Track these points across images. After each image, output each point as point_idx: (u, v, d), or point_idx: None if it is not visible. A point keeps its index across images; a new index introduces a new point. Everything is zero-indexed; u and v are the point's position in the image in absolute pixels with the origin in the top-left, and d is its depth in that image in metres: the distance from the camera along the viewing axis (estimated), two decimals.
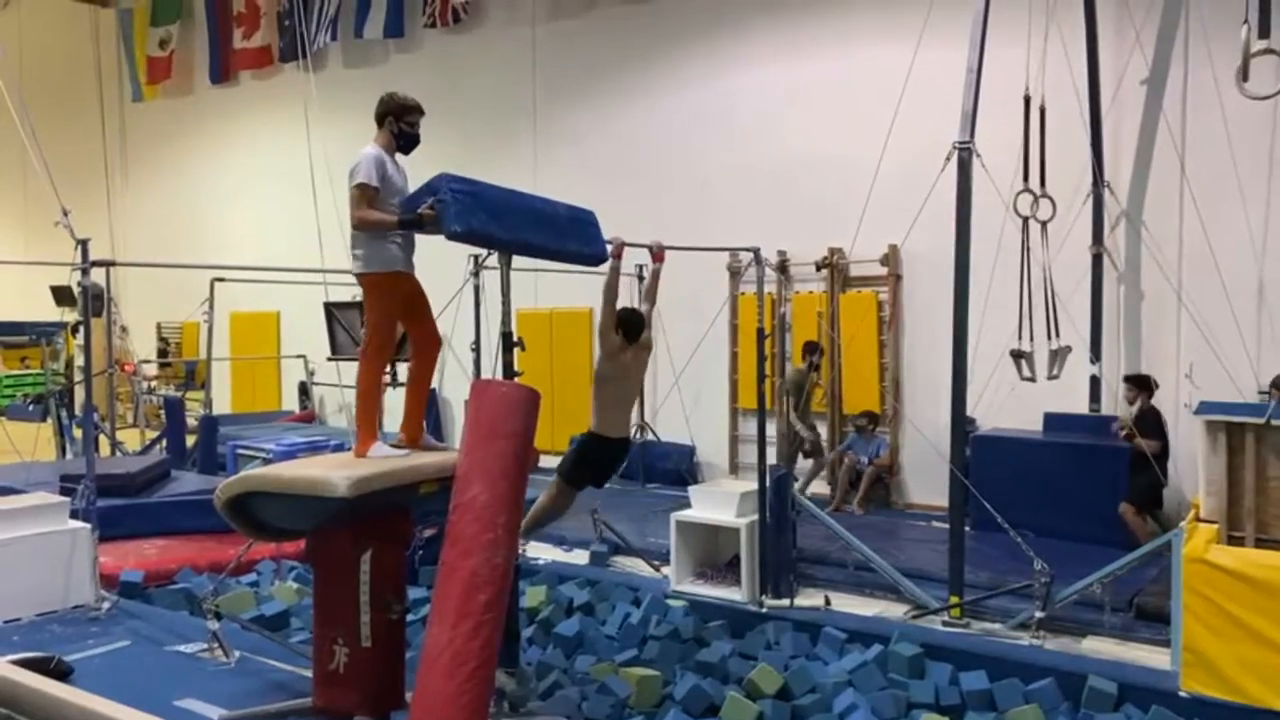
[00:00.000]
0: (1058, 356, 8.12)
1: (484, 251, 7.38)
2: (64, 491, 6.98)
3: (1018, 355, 8.01)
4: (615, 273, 5.41)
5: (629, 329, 5.48)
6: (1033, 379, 8.05)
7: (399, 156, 4.84)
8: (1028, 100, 8.08)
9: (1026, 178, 8.03)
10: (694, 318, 9.67)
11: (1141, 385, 7.64)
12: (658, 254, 5.78)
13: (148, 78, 17.13)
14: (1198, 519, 5.49)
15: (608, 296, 5.40)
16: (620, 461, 5.81)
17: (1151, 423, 7.37)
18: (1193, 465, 6.51)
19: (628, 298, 5.74)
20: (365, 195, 4.58)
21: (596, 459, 5.61)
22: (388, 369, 7.79)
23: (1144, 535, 7.15)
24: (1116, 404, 8.46)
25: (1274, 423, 5.15)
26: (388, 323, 4.82)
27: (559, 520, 9.17)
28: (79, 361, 15.89)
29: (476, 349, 8.92)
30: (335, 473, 4.32)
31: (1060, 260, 8.40)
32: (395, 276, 4.72)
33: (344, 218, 4.82)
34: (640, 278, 7.69)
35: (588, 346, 12.06)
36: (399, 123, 4.77)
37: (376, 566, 4.42)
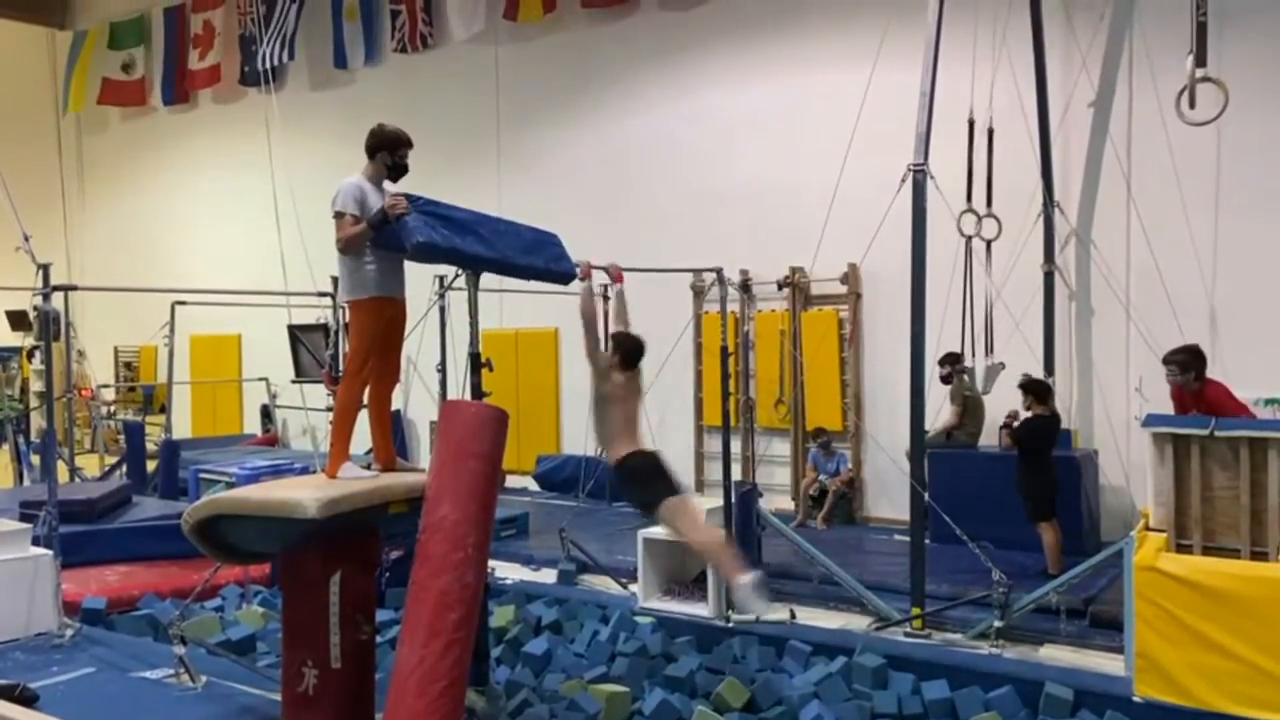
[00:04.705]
0: (990, 373, 8.33)
1: (450, 273, 7.45)
2: (24, 518, 6.90)
3: (960, 371, 8.21)
4: (588, 294, 5.49)
5: (629, 355, 5.39)
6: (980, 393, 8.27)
7: (387, 184, 4.92)
8: (972, 124, 8.39)
9: (970, 198, 8.25)
10: (659, 337, 9.73)
11: (1030, 390, 7.35)
12: (616, 275, 5.89)
13: (101, 97, 16.84)
14: (1147, 528, 5.66)
15: (585, 319, 5.44)
16: (658, 465, 5.38)
17: (1026, 429, 7.23)
18: (1142, 476, 6.69)
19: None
20: (345, 222, 4.67)
21: (643, 468, 5.26)
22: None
23: (1058, 550, 7.05)
24: (1071, 418, 8.68)
25: (1218, 434, 5.34)
26: (366, 346, 4.84)
27: (525, 540, 9.17)
28: (34, 386, 15.68)
29: (442, 370, 8.95)
30: (305, 494, 4.35)
31: (1014, 278, 8.63)
32: (376, 302, 4.78)
33: (307, 240, 4.91)
34: (606, 297, 7.78)
35: (554, 367, 12.11)
36: (392, 155, 4.89)
37: (347, 587, 4.45)
